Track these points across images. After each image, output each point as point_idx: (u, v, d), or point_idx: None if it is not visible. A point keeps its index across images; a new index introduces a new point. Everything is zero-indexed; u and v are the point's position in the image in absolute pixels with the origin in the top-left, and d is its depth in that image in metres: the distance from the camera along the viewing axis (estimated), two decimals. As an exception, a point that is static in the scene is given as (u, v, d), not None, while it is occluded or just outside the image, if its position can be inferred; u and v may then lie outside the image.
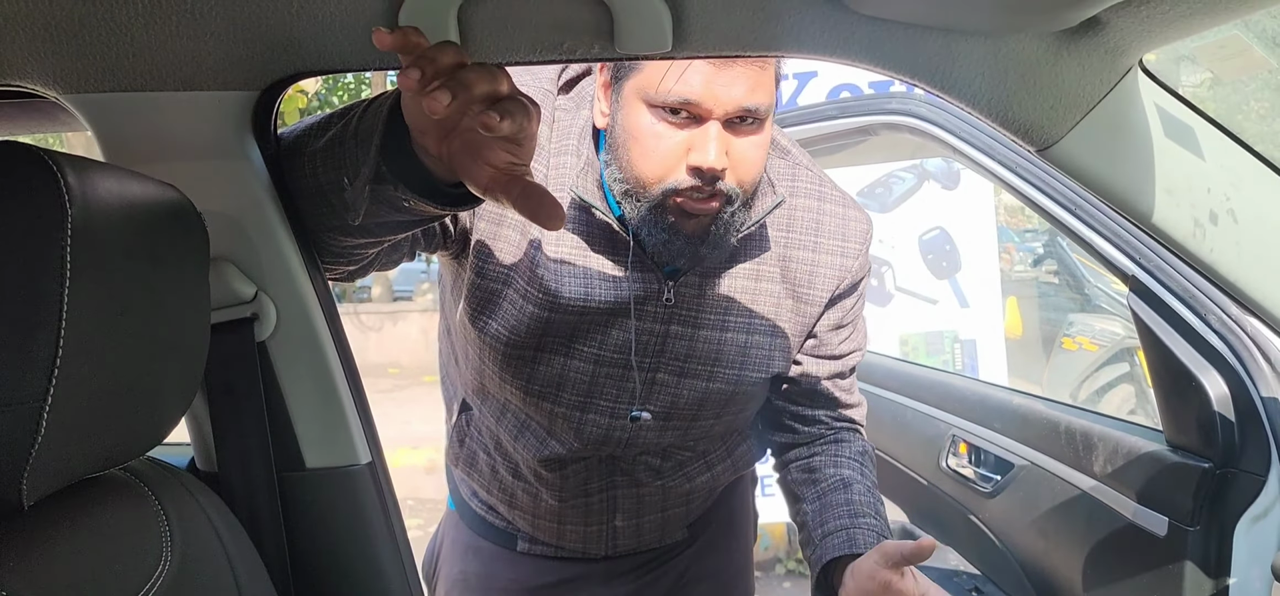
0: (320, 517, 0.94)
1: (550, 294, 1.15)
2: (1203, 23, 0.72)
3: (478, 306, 1.17)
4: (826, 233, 1.24)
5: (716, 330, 1.20)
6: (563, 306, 1.15)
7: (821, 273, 1.24)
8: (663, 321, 1.18)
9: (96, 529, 0.66)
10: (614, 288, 1.16)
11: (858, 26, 0.77)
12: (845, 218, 1.25)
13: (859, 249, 1.26)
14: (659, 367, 1.20)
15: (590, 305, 1.16)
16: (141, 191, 0.65)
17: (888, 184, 3.81)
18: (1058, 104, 0.78)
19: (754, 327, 1.22)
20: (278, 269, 0.89)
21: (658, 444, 1.27)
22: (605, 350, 1.18)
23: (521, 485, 1.33)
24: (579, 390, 1.20)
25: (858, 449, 1.31)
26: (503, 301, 1.16)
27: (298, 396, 0.92)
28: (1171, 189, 0.83)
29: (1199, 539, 1.25)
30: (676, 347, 1.20)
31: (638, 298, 1.17)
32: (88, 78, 0.80)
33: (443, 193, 0.81)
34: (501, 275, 1.16)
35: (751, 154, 1.08)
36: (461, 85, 0.68)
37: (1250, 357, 1.21)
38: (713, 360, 1.21)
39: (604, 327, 1.17)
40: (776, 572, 4.08)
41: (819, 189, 1.26)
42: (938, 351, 3.79)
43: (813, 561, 1.21)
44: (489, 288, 1.16)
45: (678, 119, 1.04)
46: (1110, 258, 1.36)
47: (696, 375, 1.21)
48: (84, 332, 0.57)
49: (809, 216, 1.24)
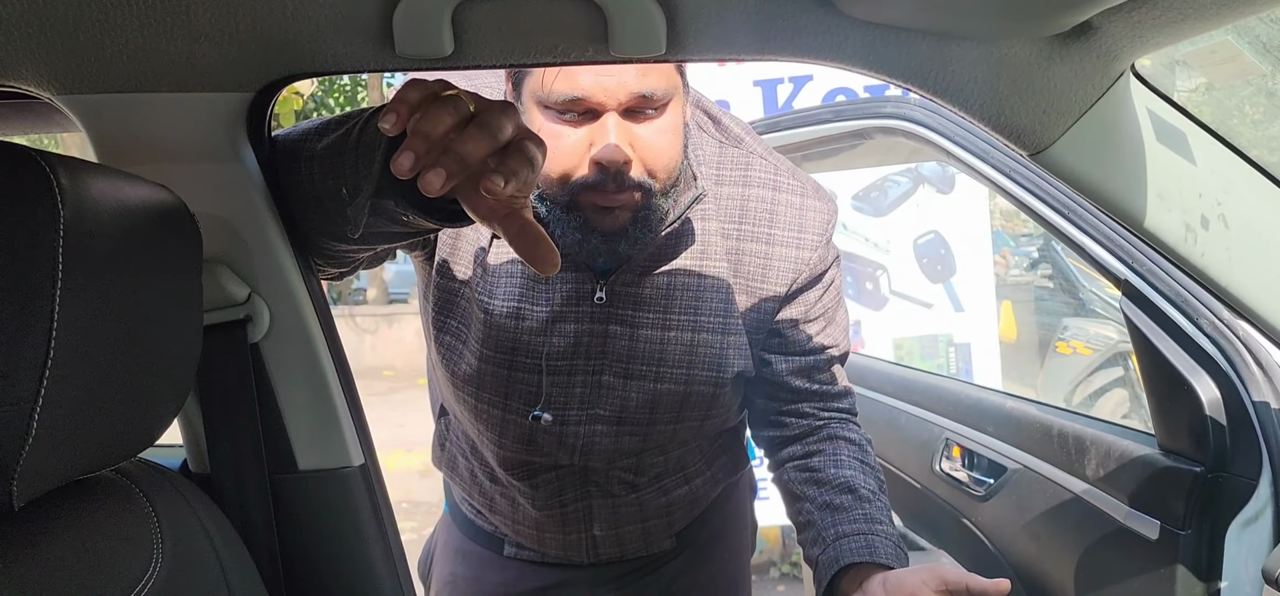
0: (313, 520, 0.94)
1: (486, 304, 1.13)
2: (1194, 28, 0.72)
3: (438, 310, 1.17)
4: (781, 223, 1.19)
5: (658, 328, 1.16)
6: (496, 312, 1.13)
7: (776, 265, 1.19)
8: (600, 321, 1.15)
9: (87, 531, 0.66)
10: (546, 291, 1.14)
11: (851, 31, 0.77)
12: (802, 207, 1.20)
13: (817, 240, 1.20)
14: (603, 370, 1.17)
15: (523, 311, 1.13)
16: (134, 193, 0.65)
17: (882, 188, 3.82)
18: (1050, 108, 0.78)
19: (701, 325, 1.17)
20: (271, 271, 0.89)
21: (616, 449, 1.23)
22: (549, 356, 1.16)
23: (499, 490, 1.32)
24: (525, 399, 1.18)
25: (855, 444, 1.26)
26: (456, 310, 1.16)
27: (291, 398, 0.92)
28: (1163, 194, 0.83)
29: (1190, 542, 1.26)
30: (617, 348, 1.16)
31: (570, 298, 1.14)
32: (81, 78, 0.79)
33: (441, 209, 0.81)
34: (456, 285, 1.15)
35: (657, 140, 1.04)
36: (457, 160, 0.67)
37: (1242, 362, 1.21)
38: (657, 360, 1.17)
39: (543, 334, 1.15)
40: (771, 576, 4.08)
41: (774, 178, 1.21)
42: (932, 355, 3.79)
43: (821, 561, 1.15)
44: (445, 294, 1.16)
45: (574, 117, 1.01)
46: (1103, 262, 1.36)
47: (642, 376, 1.18)
48: (76, 334, 0.57)
49: (762, 207, 1.19)
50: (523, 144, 0.71)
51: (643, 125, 1.03)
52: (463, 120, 0.69)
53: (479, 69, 0.85)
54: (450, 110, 0.68)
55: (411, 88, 0.71)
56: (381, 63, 0.80)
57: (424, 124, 0.67)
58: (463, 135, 0.68)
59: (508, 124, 0.70)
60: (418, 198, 0.80)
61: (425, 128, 0.67)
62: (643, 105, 1.02)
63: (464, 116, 0.69)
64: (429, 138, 0.67)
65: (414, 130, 0.67)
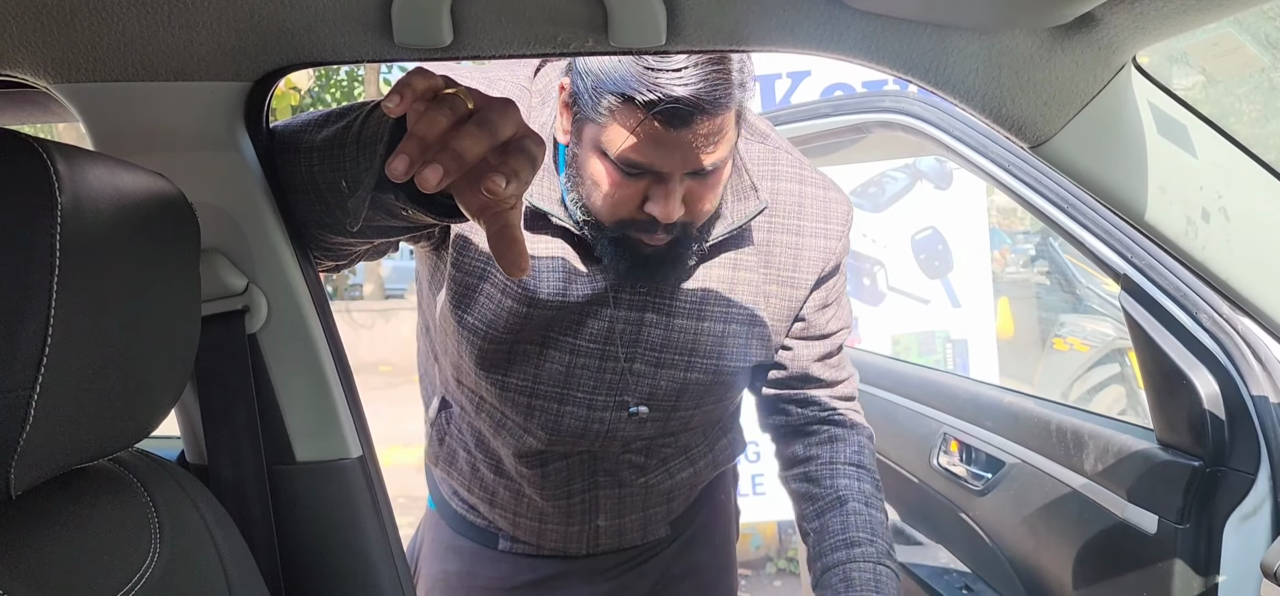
0: (311, 511, 0.94)
1: (527, 290, 1.14)
2: (1196, 20, 0.72)
3: (456, 299, 1.17)
4: (809, 215, 1.24)
5: (692, 319, 1.20)
6: (540, 302, 1.15)
7: (806, 256, 1.23)
8: (637, 310, 1.18)
9: (84, 520, 0.65)
10: (589, 280, 1.16)
11: (852, 22, 0.77)
12: (826, 200, 1.25)
13: (841, 229, 1.25)
14: (635, 358, 1.20)
15: (568, 299, 1.15)
16: (132, 181, 0.65)
17: (881, 184, 3.82)
18: (1051, 100, 0.78)
19: (732, 317, 1.21)
20: (269, 261, 0.89)
21: (638, 436, 1.26)
22: (580, 341, 1.18)
23: (503, 482, 1.32)
24: (555, 382, 1.20)
25: (854, 447, 1.30)
26: (480, 295, 1.16)
27: (288, 389, 0.92)
28: (1164, 186, 0.83)
29: (1189, 537, 1.26)
30: (652, 337, 1.19)
31: (609, 287, 1.16)
32: (78, 67, 0.79)
33: (440, 204, 0.80)
34: (479, 269, 1.15)
35: (709, 194, 1.07)
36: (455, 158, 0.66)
37: (1241, 356, 1.21)
38: (690, 350, 1.21)
39: (579, 319, 1.17)
40: (767, 571, 4.08)
41: (799, 172, 1.25)
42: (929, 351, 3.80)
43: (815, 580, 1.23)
44: (466, 281, 1.16)
45: (635, 170, 1.03)
46: (1102, 256, 1.36)
47: (673, 365, 1.21)
48: (73, 322, 0.56)
49: (791, 200, 1.23)
50: (523, 142, 0.71)
51: (700, 183, 1.06)
52: (461, 119, 0.69)
53: (478, 59, 0.85)
54: (447, 110, 0.67)
55: (418, 75, 0.70)
56: (380, 52, 0.79)
57: (420, 126, 0.66)
58: (460, 132, 0.67)
59: (507, 123, 0.70)
60: (418, 192, 0.79)
61: (421, 130, 0.66)
62: (704, 170, 1.03)
63: (461, 115, 0.69)
64: (425, 140, 0.66)
65: (410, 132, 0.67)
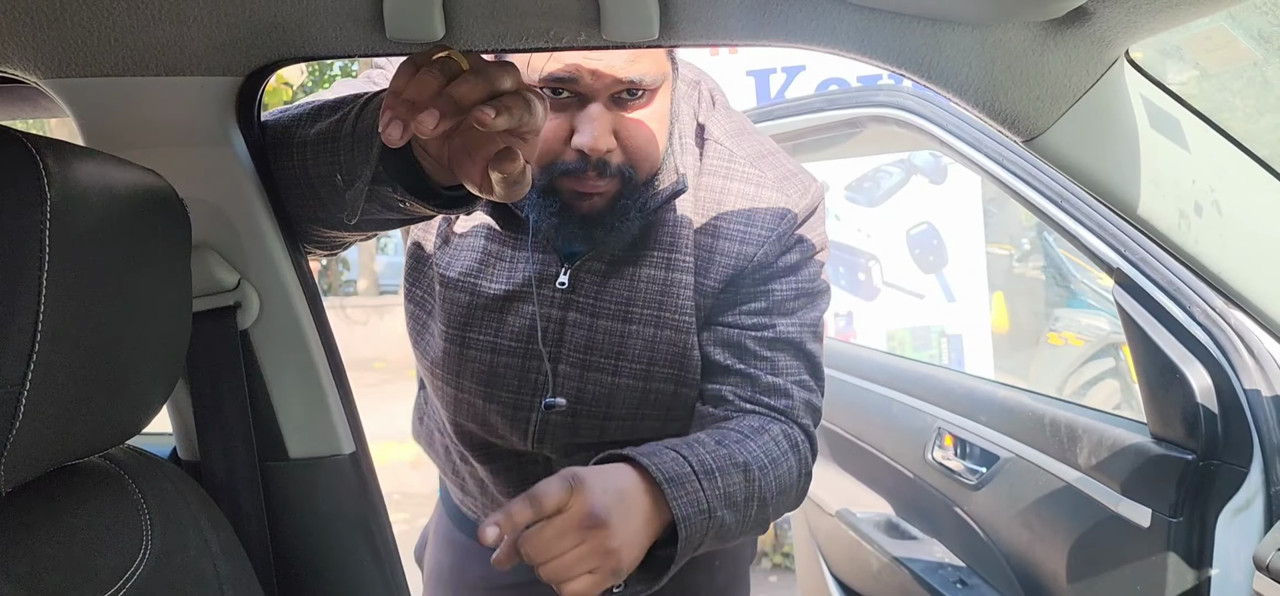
0: (303, 507, 0.94)
1: (444, 272, 1.11)
2: (1188, 13, 0.72)
3: (408, 280, 1.17)
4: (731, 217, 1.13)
5: (618, 321, 1.12)
6: (453, 284, 1.11)
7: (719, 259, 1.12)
8: (560, 308, 1.12)
9: (75, 517, 0.65)
10: (508, 270, 1.11)
11: (845, 16, 0.77)
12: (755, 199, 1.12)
13: (764, 236, 1.11)
14: (560, 358, 1.13)
15: (479, 286, 1.11)
16: (123, 176, 0.65)
17: (875, 178, 3.82)
18: (1044, 94, 0.78)
19: (664, 322, 1.11)
20: (260, 257, 0.88)
21: (572, 441, 1.17)
22: (501, 338, 1.12)
23: (469, 470, 1.29)
24: (479, 379, 1.14)
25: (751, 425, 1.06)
26: (423, 280, 1.16)
27: (280, 385, 0.92)
28: (1157, 180, 0.83)
29: (1182, 530, 1.26)
30: (575, 337, 1.12)
31: (531, 280, 1.10)
32: (69, 62, 0.79)
33: (439, 195, 0.80)
34: (424, 254, 1.15)
35: (642, 129, 1.01)
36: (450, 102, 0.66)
37: (1234, 350, 1.22)
38: (615, 353, 1.12)
39: (499, 313, 1.12)
40: (762, 567, 4.09)
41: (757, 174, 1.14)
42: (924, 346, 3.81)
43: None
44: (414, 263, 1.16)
45: (558, 99, 0.98)
46: (1096, 250, 1.36)
47: (600, 368, 1.13)
48: (63, 318, 0.56)
49: (713, 198, 1.13)
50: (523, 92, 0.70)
51: (628, 112, 1.00)
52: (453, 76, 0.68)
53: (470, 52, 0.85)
54: (437, 71, 0.67)
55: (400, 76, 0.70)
56: (372, 47, 0.79)
57: (411, 89, 0.66)
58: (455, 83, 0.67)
59: (506, 77, 0.69)
60: (416, 184, 0.79)
61: (412, 93, 0.66)
62: (632, 91, 0.99)
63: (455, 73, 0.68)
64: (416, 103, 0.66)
65: (401, 95, 0.66)
